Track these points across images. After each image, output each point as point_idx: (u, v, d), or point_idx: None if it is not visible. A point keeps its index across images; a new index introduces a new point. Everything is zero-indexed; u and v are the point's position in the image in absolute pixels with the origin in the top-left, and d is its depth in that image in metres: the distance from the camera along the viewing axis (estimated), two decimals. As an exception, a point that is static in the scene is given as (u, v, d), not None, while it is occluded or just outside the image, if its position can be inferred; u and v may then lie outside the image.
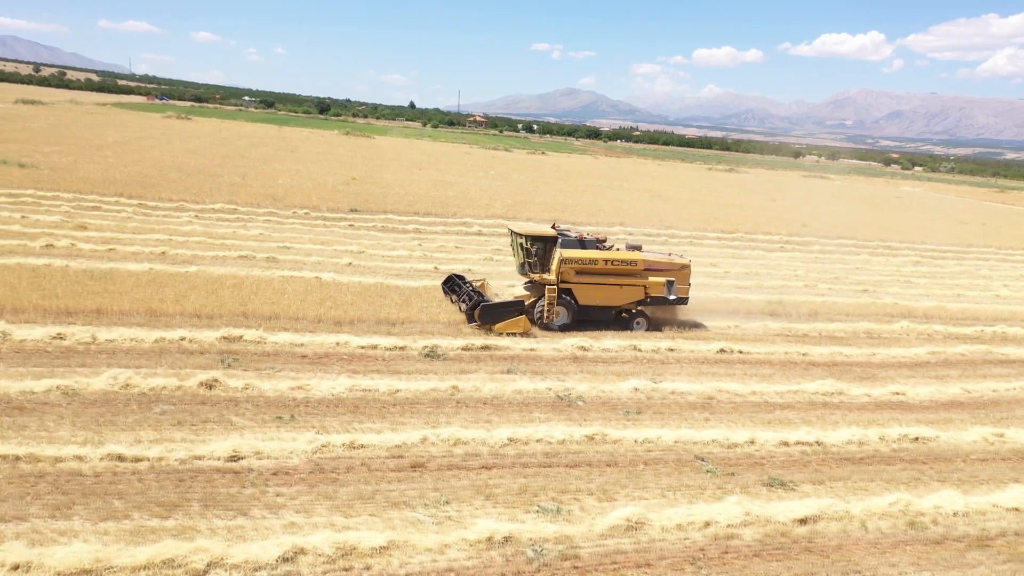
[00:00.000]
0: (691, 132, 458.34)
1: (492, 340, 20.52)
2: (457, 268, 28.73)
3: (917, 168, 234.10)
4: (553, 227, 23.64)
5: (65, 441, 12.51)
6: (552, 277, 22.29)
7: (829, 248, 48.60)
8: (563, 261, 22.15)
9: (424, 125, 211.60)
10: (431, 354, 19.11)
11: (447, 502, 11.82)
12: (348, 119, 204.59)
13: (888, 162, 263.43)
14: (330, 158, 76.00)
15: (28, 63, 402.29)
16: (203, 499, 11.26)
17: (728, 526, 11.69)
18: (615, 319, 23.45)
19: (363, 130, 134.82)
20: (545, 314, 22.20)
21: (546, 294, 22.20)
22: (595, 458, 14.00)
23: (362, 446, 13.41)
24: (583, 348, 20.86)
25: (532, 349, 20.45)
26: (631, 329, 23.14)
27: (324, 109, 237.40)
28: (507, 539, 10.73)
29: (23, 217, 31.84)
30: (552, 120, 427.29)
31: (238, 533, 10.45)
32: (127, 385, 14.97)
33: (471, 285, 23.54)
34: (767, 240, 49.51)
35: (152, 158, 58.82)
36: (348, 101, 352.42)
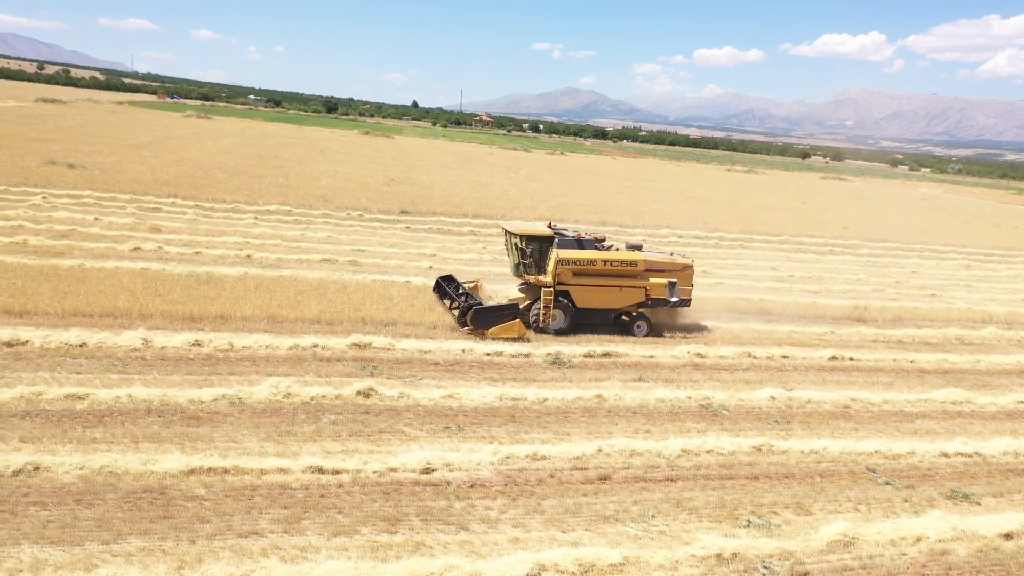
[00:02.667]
0: (693, 132, 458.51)
1: (610, 347, 20.44)
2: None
3: (924, 169, 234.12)
4: (549, 226, 22.60)
5: (259, 453, 12.41)
6: (548, 279, 21.26)
7: (877, 251, 48.52)
8: (560, 262, 21.08)
9: (434, 124, 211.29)
10: (556, 361, 19.04)
11: (653, 516, 11.72)
12: (357, 118, 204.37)
13: (895, 163, 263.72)
14: (360, 158, 75.85)
15: (31, 61, 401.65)
16: (419, 513, 11.16)
17: (939, 541, 11.61)
18: (614, 322, 22.47)
19: (379, 129, 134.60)
20: (541, 318, 21.19)
21: (542, 297, 21.10)
22: (770, 470, 13.91)
23: (544, 457, 13.32)
24: (700, 355, 20.78)
25: (651, 356, 20.36)
26: (632, 333, 22.12)
27: (332, 108, 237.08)
28: (735, 555, 10.64)
29: (96, 219, 31.70)
30: (553, 120, 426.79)
31: (470, 549, 10.35)
32: (288, 394, 14.87)
33: (463, 287, 22.53)
34: (813, 243, 49.41)
35: (191, 158, 58.64)
36: (351, 100, 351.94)
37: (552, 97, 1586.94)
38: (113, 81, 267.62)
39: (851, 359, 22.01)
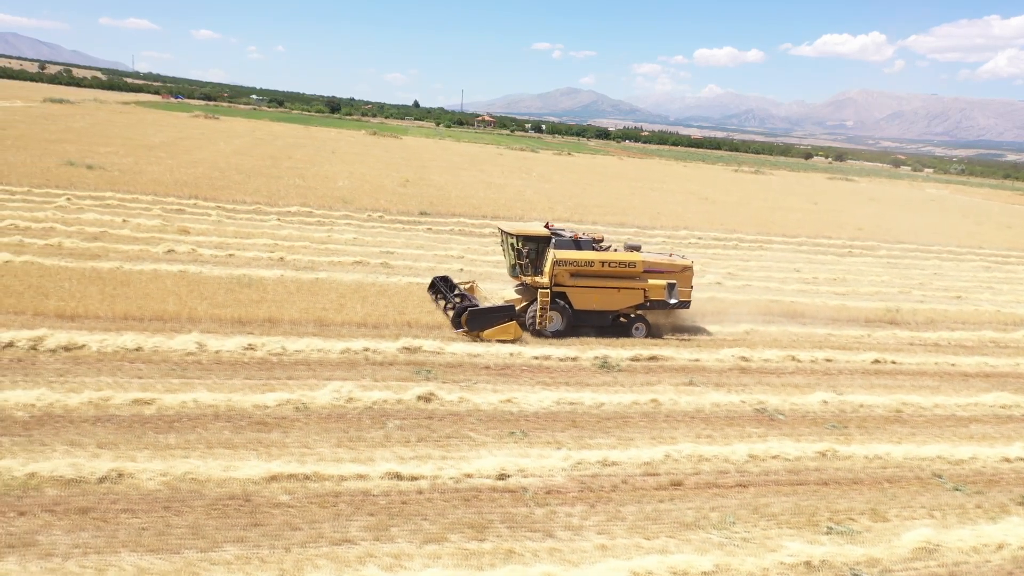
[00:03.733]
0: (694, 132, 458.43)
1: (656, 351, 20.41)
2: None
3: (928, 170, 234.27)
4: (546, 226, 22.27)
5: (335, 459, 12.37)
6: (545, 280, 20.82)
7: (895, 253, 48.50)
8: (557, 263, 20.62)
9: (437, 125, 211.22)
10: (605, 365, 19.01)
11: (733, 523, 11.70)
12: (361, 119, 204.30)
13: (897, 163, 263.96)
14: (371, 159, 75.81)
15: (33, 60, 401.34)
16: (503, 520, 11.13)
17: (1021, 548, 11.59)
18: (612, 324, 22.02)
19: (385, 130, 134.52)
20: (537, 320, 20.70)
21: (539, 298, 20.61)
22: (838, 476, 13.89)
23: (614, 463, 13.29)
24: (745, 359, 20.74)
25: (696, 360, 20.32)
26: (630, 335, 21.73)
27: (335, 109, 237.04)
28: (823, 562, 10.61)
29: (124, 221, 31.67)
30: (553, 120, 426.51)
31: (561, 556, 10.32)
32: (350, 399, 14.84)
33: (458, 288, 22.13)
34: (831, 244, 49.40)
35: (206, 159, 58.58)
36: (353, 100, 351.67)
37: (552, 97, 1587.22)
38: (116, 81, 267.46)
39: (893, 362, 21.99)
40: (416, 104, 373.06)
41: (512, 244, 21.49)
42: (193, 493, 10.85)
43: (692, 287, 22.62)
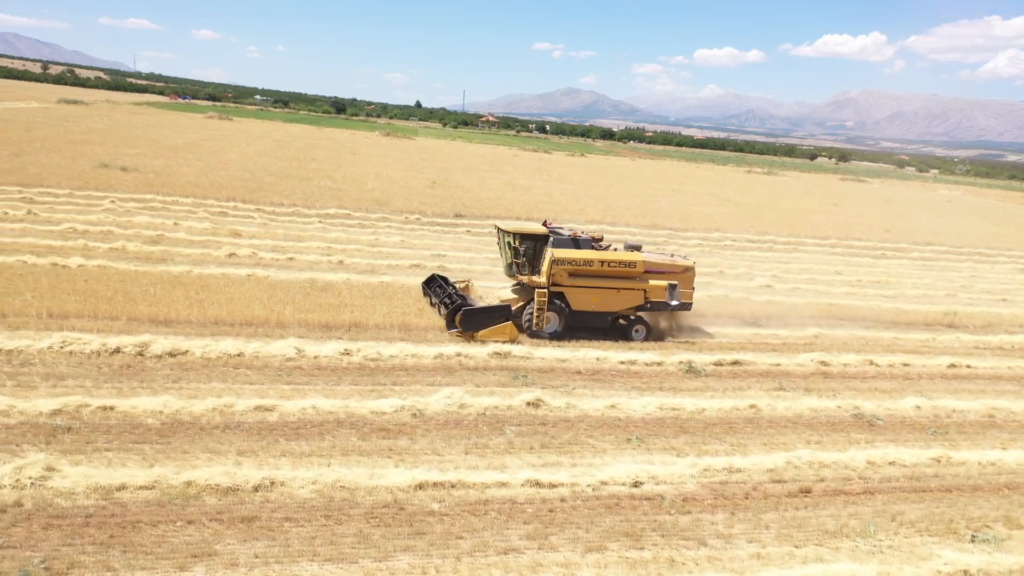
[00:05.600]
0: (695, 133, 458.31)
1: (737, 355, 20.42)
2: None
3: (934, 171, 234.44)
4: (544, 224, 21.73)
5: (470, 466, 12.39)
6: (542, 279, 20.22)
7: (927, 255, 48.55)
8: (555, 262, 20.05)
9: (444, 126, 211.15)
10: (691, 370, 19.01)
11: (875, 530, 11.70)
12: (367, 119, 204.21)
13: (902, 164, 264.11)
14: (392, 161, 75.76)
15: (34, 61, 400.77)
16: (653, 528, 11.13)
17: None
18: (611, 326, 21.46)
19: (395, 130, 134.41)
20: (534, 320, 20.11)
21: (535, 298, 20.01)
22: (957, 482, 13.90)
23: (739, 470, 13.31)
24: (824, 363, 20.75)
25: (777, 364, 20.33)
26: (629, 338, 21.12)
27: (341, 109, 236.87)
28: (980, 571, 10.62)
29: (176, 224, 31.66)
30: (554, 120, 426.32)
31: (721, 565, 10.33)
32: (462, 405, 14.85)
33: (454, 287, 21.50)
34: (863, 246, 49.40)
35: (233, 161, 58.53)
36: (355, 100, 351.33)
37: (552, 97, 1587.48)
38: (120, 81, 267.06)
39: (968, 366, 22.01)
40: (418, 104, 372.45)
41: (509, 242, 20.82)
42: (347, 501, 10.85)
43: (694, 288, 21.96)
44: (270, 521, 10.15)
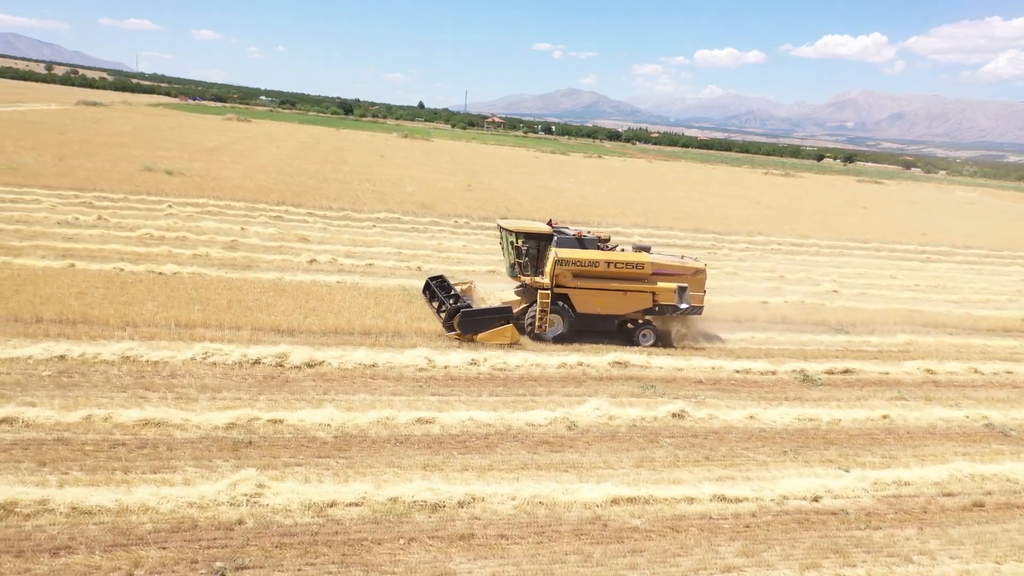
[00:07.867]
0: (697, 134, 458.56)
1: (846, 363, 20.35)
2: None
3: (941, 172, 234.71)
4: (549, 223, 20.93)
5: (653, 480, 12.32)
6: (546, 280, 19.49)
7: (971, 258, 48.54)
8: (559, 262, 19.33)
9: (452, 127, 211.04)
10: (807, 379, 18.93)
11: (1066, 546, 11.63)
12: (376, 120, 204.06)
13: (907, 165, 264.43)
14: (419, 163, 75.66)
15: (36, 61, 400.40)
16: (854, 544, 11.05)
17: None
18: (618, 330, 20.65)
19: (407, 132, 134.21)
20: (537, 323, 19.38)
21: (538, 300, 19.29)
22: (1120, 494, 13.82)
23: (907, 483, 13.24)
24: (930, 371, 20.69)
25: (886, 372, 20.26)
26: (636, 343, 20.27)
27: (348, 110, 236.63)
28: None
29: (242, 229, 31.52)
30: (555, 120, 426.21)
31: (938, 583, 10.24)
32: (611, 416, 14.79)
33: (454, 289, 20.91)
34: (906, 250, 49.35)
35: (269, 164, 58.39)
36: (359, 100, 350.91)
37: (553, 98, 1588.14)
38: (126, 82, 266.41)
39: (1068, 375, 21.93)
40: (421, 105, 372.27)
41: (512, 242, 20.06)
42: (550, 517, 10.76)
43: (705, 291, 21.08)
44: (486, 539, 10.06)
